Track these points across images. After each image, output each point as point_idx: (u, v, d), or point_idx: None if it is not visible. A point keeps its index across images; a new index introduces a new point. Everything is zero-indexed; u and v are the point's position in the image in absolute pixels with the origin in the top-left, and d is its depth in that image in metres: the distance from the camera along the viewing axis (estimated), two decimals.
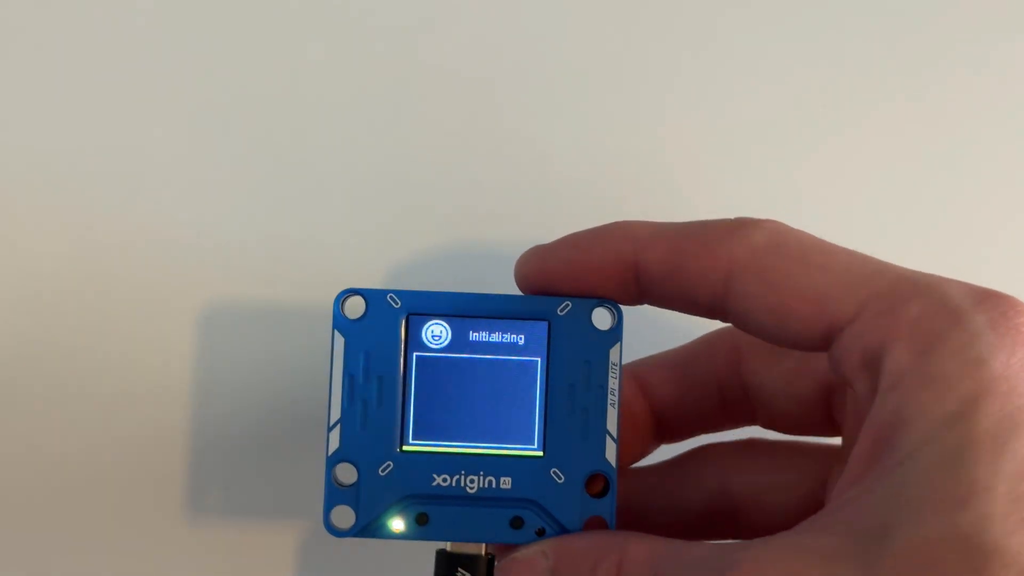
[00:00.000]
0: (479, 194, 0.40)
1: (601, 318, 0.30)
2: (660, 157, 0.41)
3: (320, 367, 0.31)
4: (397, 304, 0.29)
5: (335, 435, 0.29)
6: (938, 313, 0.24)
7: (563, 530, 0.29)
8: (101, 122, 0.40)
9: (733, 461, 0.33)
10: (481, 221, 0.40)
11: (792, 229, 0.27)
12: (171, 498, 0.40)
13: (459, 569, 0.30)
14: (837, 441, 0.32)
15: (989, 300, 0.24)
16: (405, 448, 0.29)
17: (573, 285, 0.29)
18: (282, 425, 0.40)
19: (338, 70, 0.40)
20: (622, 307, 0.30)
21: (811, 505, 0.31)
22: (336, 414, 0.29)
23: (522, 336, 0.30)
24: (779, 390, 0.32)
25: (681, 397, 0.33)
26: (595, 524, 0.29)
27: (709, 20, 0.42)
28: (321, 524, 0.29)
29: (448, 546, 0.30)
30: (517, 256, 0.30)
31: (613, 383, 0.29)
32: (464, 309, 0.30)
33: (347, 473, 0.29)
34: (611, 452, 0.29)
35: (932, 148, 0.42)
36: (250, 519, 0.40)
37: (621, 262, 0.29)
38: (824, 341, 0.26)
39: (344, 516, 0.29)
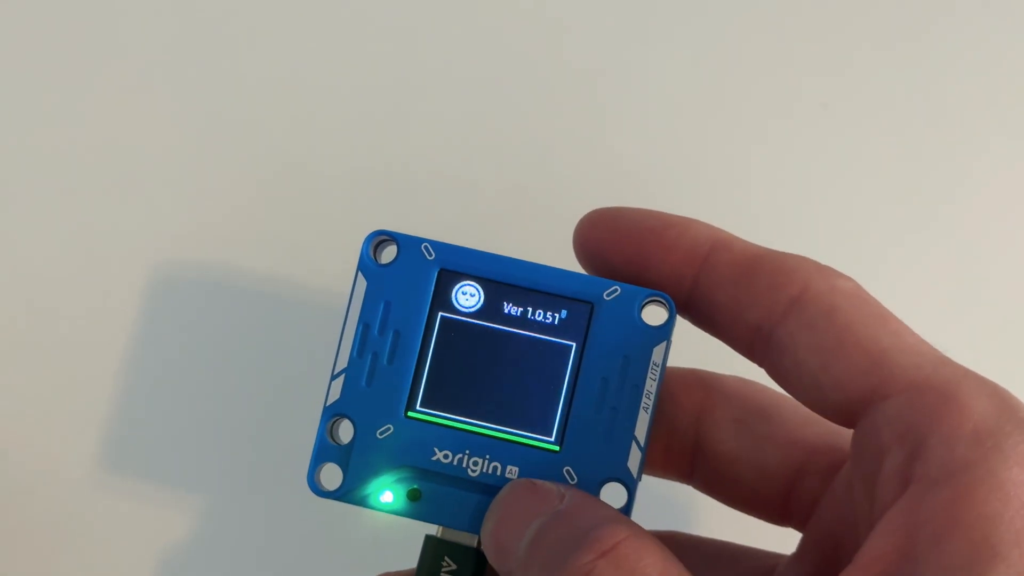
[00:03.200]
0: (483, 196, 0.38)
1: (651, 311, 0.27)
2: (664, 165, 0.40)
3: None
4: (431, 256, 0.27)
5: (337, 385, 0.27)
6: (1009, 417, 0.21)
7: None
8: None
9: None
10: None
11: (873, 296, 0.25)
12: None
13: (445, 559, 0.27)
14: (782, 543, 0.29)
15: None
16: (411, 414, 0.26)
17: (633, 257, 0.27)
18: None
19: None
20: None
21: None
22: (343, 363, 0.27)
23: (561, 316, 0.27)
24: (741, 453, 0.28)
25: None
26: None
27: (710, 22, 0.40)
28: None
29: (438, 532, 0.27)
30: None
31: (651, 385, 0.26)
32: (503, 275, 0.27)
33: (342, 430, 0.27)
34: (635, 461, 0.26)
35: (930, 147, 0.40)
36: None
37: (693, 249, 0.26)
38: (862, 403, 0.23)
39: (331, 476, 0.27)
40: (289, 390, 0.37)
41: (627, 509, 0.26)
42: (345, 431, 0.27)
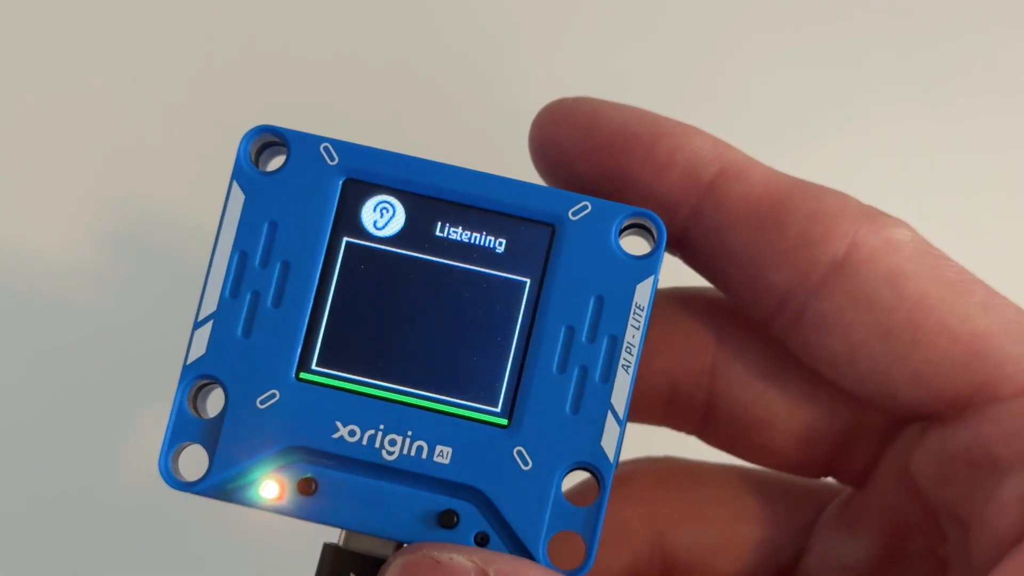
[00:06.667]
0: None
1: (632, 236, 0.20)
2: None
3: None
4: (333, 160, 0.20)
5: (202, 337, 0.19)
6: None
7: (516, 545, 0.19)
8: None
9: (667, 507, 0.22)
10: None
11: (939, 249, 0.19)
12: None
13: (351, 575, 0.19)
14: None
15: None
16: (304, 376, 0.19)
17: (609, 172, 0.20)
18: None
19: None
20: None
21: (778, 568, 0.22)
22: (210, 306, 0.19)
23: (511, 242, 0.20)
24: (771, 417, 0.21)
25: None
26: (566, 544, 0.19)
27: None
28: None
29: (340, 537, 0.20)
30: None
31: (633, 336, 0.19)
32: (431, 186, 0.20)
33: (208, 398, 0.20)
34: (611, 439, 0.19)
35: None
36: None
37: (694, 172, 0.20)
38: (955, 404, 0.18)
39: (193, 461, 0.19)
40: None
41: (600, 505, 0.19)
42: (213, 400, 0.20)
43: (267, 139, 0.20)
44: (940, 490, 0.19)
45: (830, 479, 0.22)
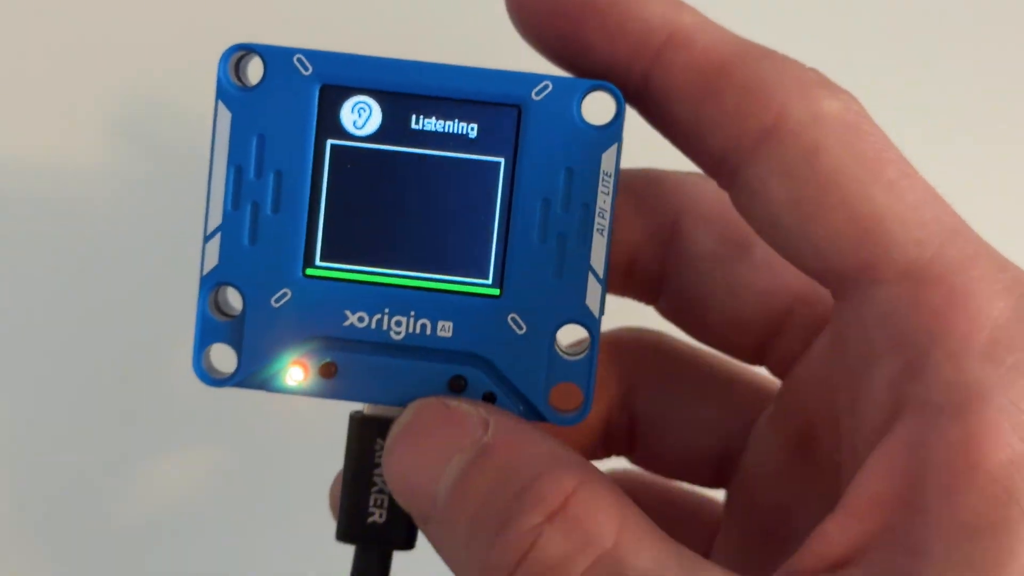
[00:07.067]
0: None
1: (594, 108, 0.21)
2: None
3: None
4: (308, 70, 0.21)
5: (213, 248, 0.21)
6: None
7: (520, 399, 0.21)
8: None
9: (638, 370, 0.25)
10: None
11: (872, 122, 0.19)
12: None
13: (378, 440, 0.22)
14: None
15: None
16: (310, 272, 0.21)
17: (568, 39, 0.21)
18: None
19: None
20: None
21: (724, 455, 0.24)
22: (216, 219, 0.21)
23: (482, 126, 0.21)
24: (713, 300, 0.23)
25: None
26: (564, 395, 0.21)
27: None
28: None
29: (365, 408, 0.22)
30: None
31: (604, 201, 0.21)
32: (402, 82, 0.21)
33: (230, 300, 0.22)
34: (595, 297, 0.21)
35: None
36: None
37: (644, 39, 0.20)
38: (846, 279, 0.19)
39: (223, 358, 0.22)
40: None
41: (592, 356, 0.21)
42: (232, 301, 0.22)
43: (242, 54, 0.21)
44: (840, 381, 0.19)
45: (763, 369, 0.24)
